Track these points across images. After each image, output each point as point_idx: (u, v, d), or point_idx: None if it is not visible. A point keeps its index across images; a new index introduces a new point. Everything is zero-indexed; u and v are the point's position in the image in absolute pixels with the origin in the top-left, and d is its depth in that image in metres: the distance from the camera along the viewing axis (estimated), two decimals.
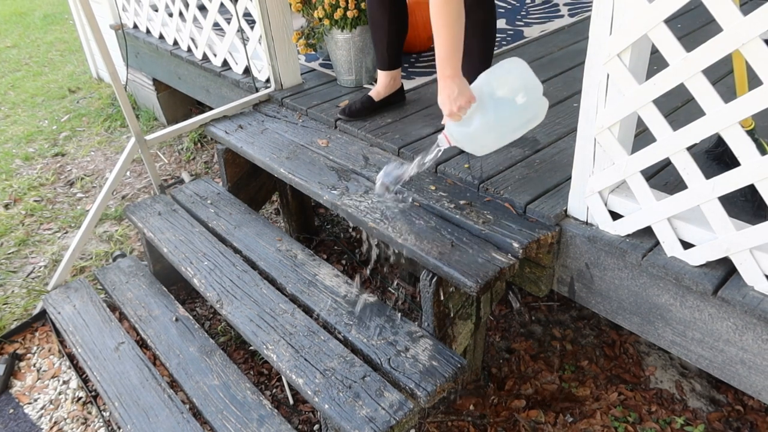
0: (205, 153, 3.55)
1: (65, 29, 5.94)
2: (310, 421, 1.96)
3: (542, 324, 2.32)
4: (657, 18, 1.21)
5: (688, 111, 2.08)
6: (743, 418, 1.92)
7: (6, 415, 2.02)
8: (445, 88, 1.59)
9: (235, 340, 2.26)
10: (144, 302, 2.16)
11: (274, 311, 1.81)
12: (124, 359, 1.98)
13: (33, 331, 2.34)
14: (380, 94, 2.28)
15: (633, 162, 1.41)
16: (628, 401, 1.98)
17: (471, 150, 1.72)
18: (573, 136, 2.01)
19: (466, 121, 1.62)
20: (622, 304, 1.59)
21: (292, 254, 2.01)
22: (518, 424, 1.91)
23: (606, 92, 1.39)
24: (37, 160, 3.60)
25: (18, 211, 3.11)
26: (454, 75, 1.58)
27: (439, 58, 1.59)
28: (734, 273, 1.38)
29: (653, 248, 1.48)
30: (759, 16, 1.07)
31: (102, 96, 4.38)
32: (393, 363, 1.58)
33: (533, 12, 3.33)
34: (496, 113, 1.60)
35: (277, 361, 1.64)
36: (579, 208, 1.62)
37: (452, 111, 1.59)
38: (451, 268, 1.56)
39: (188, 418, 1.77)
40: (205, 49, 2.86)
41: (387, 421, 1.45)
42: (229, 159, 2.37)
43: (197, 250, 2.08)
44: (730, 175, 1.25)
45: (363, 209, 1.83)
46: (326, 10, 2.36)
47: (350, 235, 2.83)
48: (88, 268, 2.67)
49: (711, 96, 1.21)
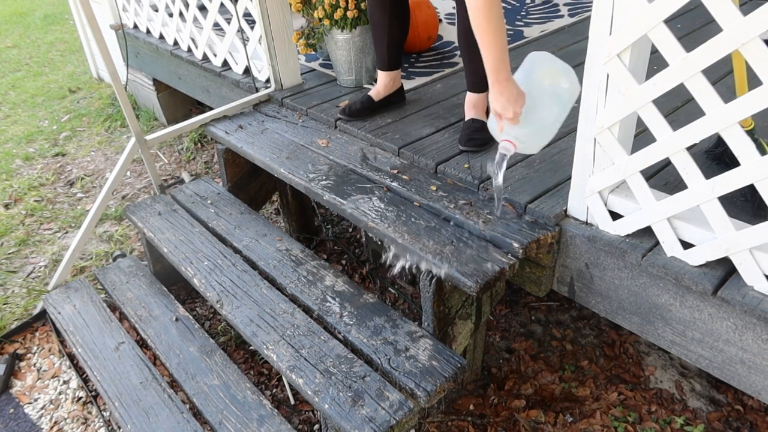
0: (205, 153, 3.55)
1: (65, 29, 5.94)
2: (310, 421, 1.96)
3: (542, 324, 2.32)
4: (657, 18, 1.21)
5: (688, 111, 2.08)
6: (743, 417, 1.92)
7: (6, 415, 2.02)
8: (505, 91, 1.54)
9: (235, 340, 2.26)
10: (144, 302, 2.16)
11: (274, 311, 1.81)
12: (124, 359, 1.98)
13: (33, 331, 2.34)
14: (380, 94, 2.28)
15: (633, 162, 1.41)
16: (628, 401, 1.98)
17: (533, 148, 1.70)
18: (573, 136, 2.01)
19: (525, 120, 1.60)
20: (622, 304, 1.59)
21: (292, 254, 2.01)
22: (518, 424, 1.91)
23: (606, 92, 1.39)
24: (37, 160, 3.61)
25: (18, 211, 3.11)
26: (509, 77, 1.55)
27: (492, 63, 1.55)
28: (734, 273, 1.38)
29: (653, 248, 1.48)
30: (759, 16, 1.07)
31: (102, 96, 4.38)
32: (393, 363, 1.58)
33: (533, 12, 3.33)
34: (555, 104, 1.61)
35: (277, 361, 1.64)
36: (579, 208, 1.62)
37: (516, 113, 1.55)
38: (452, 267, 1.56)
39: (188, 418, 1.77)
40: (205, 49, 2.86)
41: (387, 421, 1.45)
42: (229, 159, 2.38)
43: (197, 250, 2.08)
44: (729, 175, 1.25)
45: (363, 209, 1.83)
46: (326, 10, 2.36)
47: (350, 235, 2.83)
48: (88, 268, 2.67)
49: (711, 96, 1.21)
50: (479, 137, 2.00)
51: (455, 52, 2.83)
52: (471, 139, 2.00)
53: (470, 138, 2.00)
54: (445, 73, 2.61)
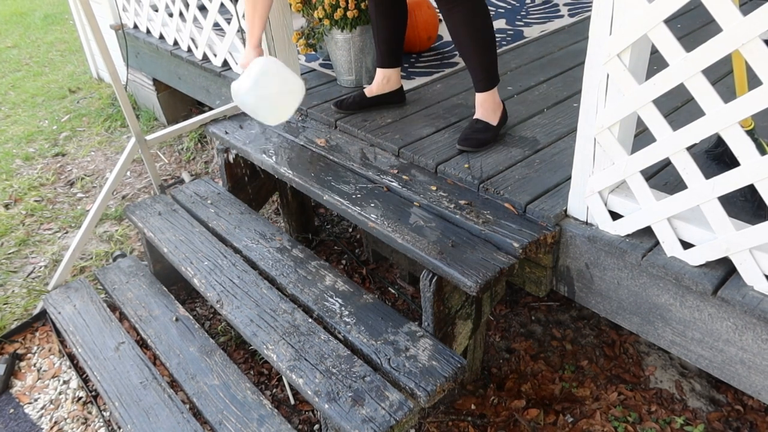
0: (205, 153, 3.55)
1: (65, 29, 5.94)
2: (310, 421, 1.96)
3: (542, 324, 2.32)
4: (657, 18, 1.21)
5: (688, 111, 2.08)
6: (743, 417, 1.92)
7: (6, 415, 2.02)
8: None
9: (235, 340, 2.26)
10: (144, 302, 2.16)
11: (274, 311, 1.81)
12: (125, 359, 1.98)
13: (33, 331, 2.35)
14: (372, 92, 2.29)
15: (633, 162, 1.41)
16: (628, 401, 1.98)
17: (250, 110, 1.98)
18: (573, 136, 2.02)
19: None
20: (622, 304, 1.59)
21: (292, 254, 2.01)
22: (518, 424, 1.91)
23: (606, 92, 1.39)
24: (37, 160, 3.61)
25: (18, 211, 3.11)
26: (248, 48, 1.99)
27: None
28: (734, 273, 1.38)
29: (653, 248, 1.48)
30: (759, 16, 1.07)
31: (102, 96, 4.38)
32: (393, 363, 1.58)
33: (533, 12, 3.33)
34: (266, 99, 1.92)
35: (277, 361, 1.65)
36: (579, 208, 1.62)
37: (243, 64, 1.94)
38: (451, 268, 1.56)
39: (188, 417, 1.77)
40: (205, 49, 2.86)
41: (387, 421, 1.45)
42: (229, 159, 2.38)
43: (197, 250, 2.08)
44: (730, 175, 1.25)
45: (363, 209, 1.83)
46: (326, 10, 2.36)
47: (350, 235, 2.83)
48: (88, 268, 2.67)
49: (711, 96, 1.21)
50: (476, 137, 1.99)
51: (455, 52, 2.84)
52: (467, 139, 2.00)
53: (467, 137, 2.00)
54: (445, 73, 2.61)
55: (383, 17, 2.16)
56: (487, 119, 2.04)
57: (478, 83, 2.03)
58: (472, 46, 1.95)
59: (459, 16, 1.89)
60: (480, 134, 2.00)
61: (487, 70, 1.99)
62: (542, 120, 2.15)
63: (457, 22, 1.90)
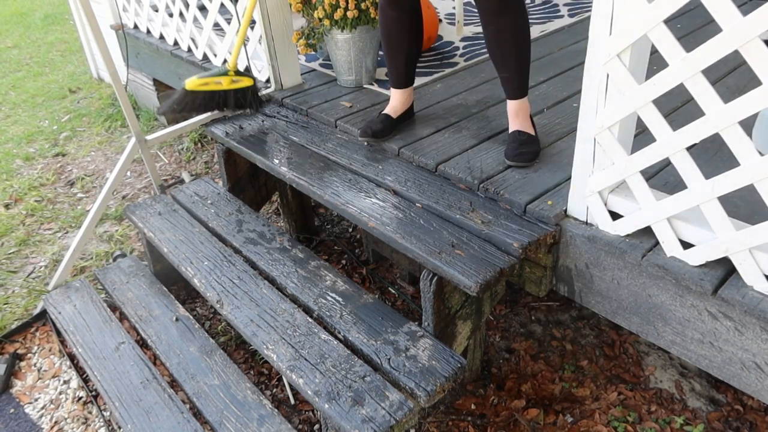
0: (205, 153, 3.55)
1: (66, 29, 5.94)
2: (310, 421, 1.96)
3: (542, 324, 2.32)
4: (657, 18, 1.21)
5: (688, 111, 2.08)
6: (743, 417, 1.92)
7: (6, 415, 2.02)
8: None
9: (235, 339, 2.26)
10: (144, 302, 2.16)
11: (274, 311, 1.81)
12: (125, 359, 1.99)
13: (33, 331, 2.35)
14: (397, 111, 2.18)
15: (633, 162, 1.41)
16: (627, 401, 1.98)
17: None
18: (573, 136, 2.01)
19: None
20: (622, 304, 1.59)
21: (292, 254, 2.01)
22: (518, 424, 1.91)
23: (606, 92, 1.39)
24: (37, 160, 3.61)
25: (18, 211, 3.11)
26: None
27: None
28: (734, 273, 1.38)
29: (653, 248, 1.48)
30: (759, 17, 1.07)
31: (102, 96, 4.39)
32: (393, 363, 1.58)
33: (533, 12, 3.33)
34: None
35: (277, 361, 1.65)
36: (579, 208, 1.62)
37: None
38: (451, 268, 1.56)
39: (188, 417, 1.77)
40: (205, 49, 2.86)
41: (387, 421, 1.45)
42: (229, 159, 2.38)
43: (197, 250, 2.08)
44: (730, 175, 1.25)
45: (363, 209, 1.83)
46: (326, 10, 2.36)
47: (350, 235, 2.83)
48: (88, 268, 2.67)
49: (711, 96, 1.21)
50: (528, 151, 1.88)
51: (455, 52, 2.83)
52: (520, 154, 1.87)
53: (519, 153, 1.88)
54: (445, 73, 2.61)
55: (414, 35, 2.08)
56: (527, 130, 1.96)
57: (515, 89, 1.94)
58: (516, 52, 1.87)
59: (508, 21, 1.82)
60: (528, 147, 1.90)
61: (525, 75, 1.92)
62: (542, 120, 2.15)
63: (506, 27, 1.84)
